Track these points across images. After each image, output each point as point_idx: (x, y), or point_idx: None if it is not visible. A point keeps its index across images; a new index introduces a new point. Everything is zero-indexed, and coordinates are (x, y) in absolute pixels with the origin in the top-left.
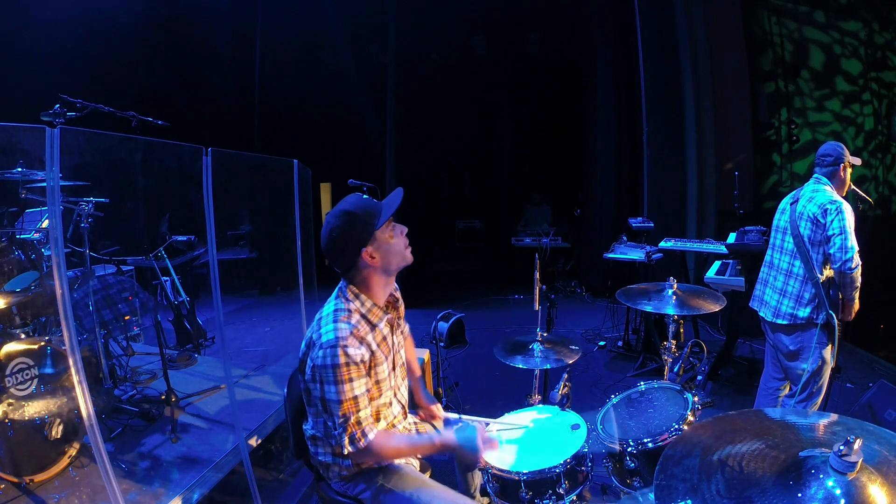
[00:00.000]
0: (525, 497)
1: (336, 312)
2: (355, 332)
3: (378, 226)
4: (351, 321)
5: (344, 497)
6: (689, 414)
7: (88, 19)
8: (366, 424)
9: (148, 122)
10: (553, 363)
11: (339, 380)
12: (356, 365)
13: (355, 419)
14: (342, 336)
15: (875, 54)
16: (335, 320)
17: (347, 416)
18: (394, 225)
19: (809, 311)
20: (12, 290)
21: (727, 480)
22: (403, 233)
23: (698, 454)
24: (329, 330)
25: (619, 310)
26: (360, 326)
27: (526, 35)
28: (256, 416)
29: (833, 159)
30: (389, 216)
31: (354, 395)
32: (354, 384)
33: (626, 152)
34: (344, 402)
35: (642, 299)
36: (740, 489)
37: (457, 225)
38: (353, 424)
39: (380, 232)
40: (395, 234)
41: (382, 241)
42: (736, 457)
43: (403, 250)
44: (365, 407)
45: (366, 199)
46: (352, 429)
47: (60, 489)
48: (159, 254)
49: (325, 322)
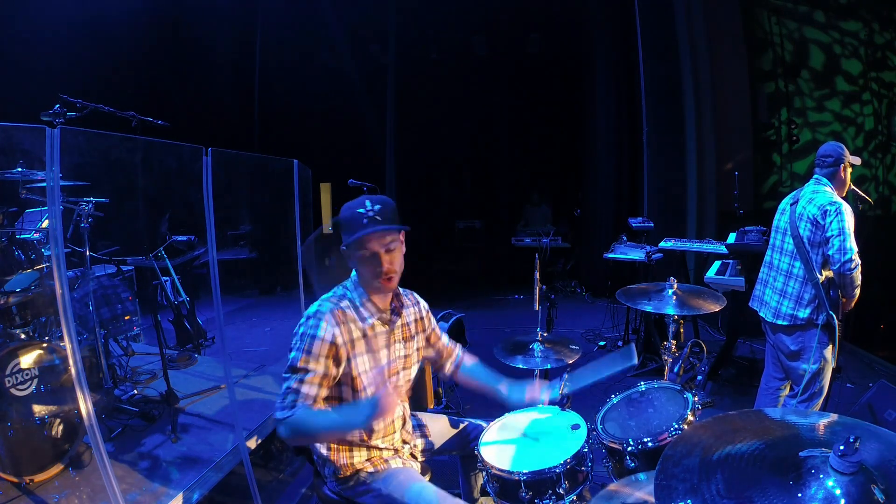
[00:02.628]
0: (525, 497)
1: (332, 293)
2: (337, 313)
3: (344, 243)
4: (340, 304)
5: (339, 497)
6: (689, 414)
7: (89, 19)
8: (301, 399)
9: (148, 122)
10: (553, 363)
11: (301, 347)
12: (321, 341)
13: (296, 387)
14: (321, 310)
15: (875, 54)
16: (326, 298)
17: (290, 381)
18: (375, 253)
19: (809, 311)
20: (12, 290)
21: (727, 480)
22: (378, 267)
23: (698, 454)
24: (315, 304)
25: (619, 310)
26: (347, 311)
27: (526, 35)
28: (256, 416)
29: (833, 160)
30: (356, 240)
31: (306, 367)
32: (310, 357)
33: (626, 152)
34: (294, 367)
35: (642, 299)
36: (740, 489)
37: (457, 225)
38: (292, 391)
39: (348, 251)
40: (365, 261)
41: (348, 257)
42: (736, 457)
43: (369, 278)
44: (312, 384)
45: (358, 213)
46: (288, 395)
47: (60, 489)
48: (159, 254)
49: (320, 298)
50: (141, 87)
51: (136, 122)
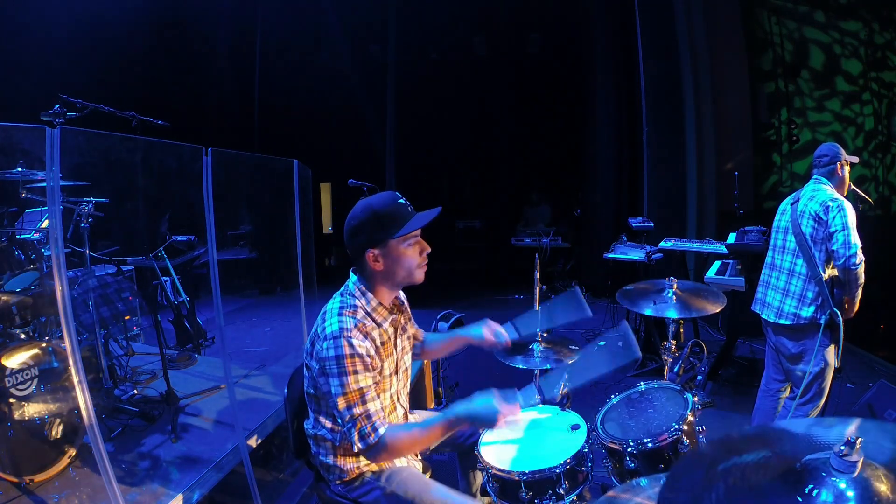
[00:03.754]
0: (525, 497)
1: (342, 308)
2: (360, 327)
3: (396, 235)
4: (356, 316)
5: (344, 499)
6: (689, 414)
7: (88, 19)
8: (376, 418)
9: (148, 122)
10: (553, 363)
11: (343, 371)
12: (360, 357)
13: (363, 412)
14: (346, 328)
15: (875, 54)
16: (340, 314)
17: (353, 410)
18: (418, 240)
19: (813, 310)
20: (12, 290)
21: (728, 488)
22: (423, 252)
23: (703, 467)
24: (333, 322)
25: (619, 310)
26: (365, 322)
27: (526, 35)
28: (256, 416)
29: (829, 159)
30: (414, 229)
31: (360, 388)
32: (359, 376)
33: (626, 152)
34: (348, 394)
35: (642, 300)
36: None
37: (457, 225)
38: (362, 419)
39: (396, 241)
40: (411, 250)
41: (394, 250)
42: (740, 466)
43: (414, 268)
44: (373, 400)
45: (399, 204)
46: (361, 423)
47: (60, 489)
48: (159, 254)
49: (329, 315)
50: (141, 87)
51: (136, 122)
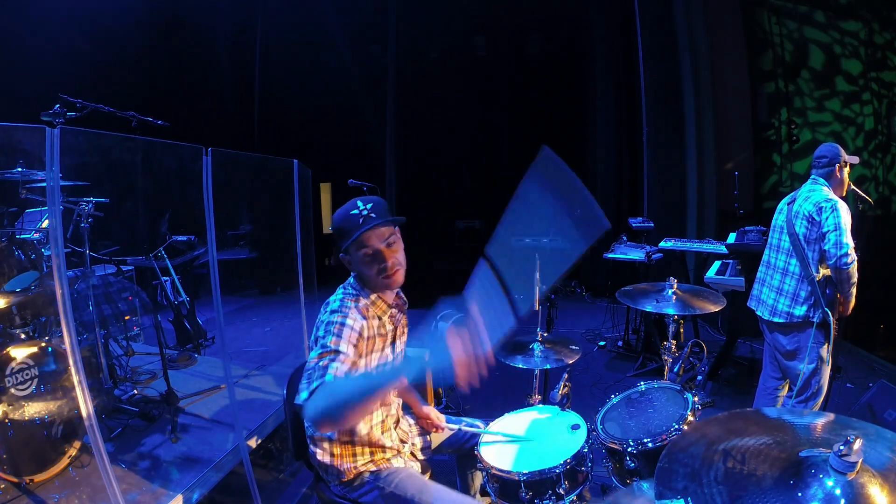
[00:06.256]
0: (525, 497)
1: (344, 297)
2: (360, 308)
3: (343, 245)
4: (357, 303)
5: (344, 500)
6: (689, 414)
7: (88, 19)
8: (332, 371)
9: (148, 122)
10: (553, 363)
11: (331, 331)
12: (351, 329)
13: (326, 363)
14: (346, 303)
15: (875, 54)
16: (343, 296)
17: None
18: (375, 250)
19: (805, 309)
20: (12, 290)
21: (727, 469)
22: (379, 263)
23: (704, 443)
24: (336, 299)
25: (619, 310)
26: (369, 308)
27: (526, 35)
28: (256, 416)
29: (828, 160)
30: (351, 241)
31: (337, 349)
32: (342, 340)
33: (626, 152)
34: (323, 353)
35: (642, 299)
36: (737, 478)
37: (457, 225)
38: (321, 367)
39: (353, 250)
40: (367, 260)
41: (354, 258)
42: (740, 449)
43: (375, 276)
44: (343, 363)
45: (351, 214)
46: (315, 371)
47: (60, 489)
48: (159, 254)
49: (332, 300)
50: (141, 87)
51: (135, 122)
